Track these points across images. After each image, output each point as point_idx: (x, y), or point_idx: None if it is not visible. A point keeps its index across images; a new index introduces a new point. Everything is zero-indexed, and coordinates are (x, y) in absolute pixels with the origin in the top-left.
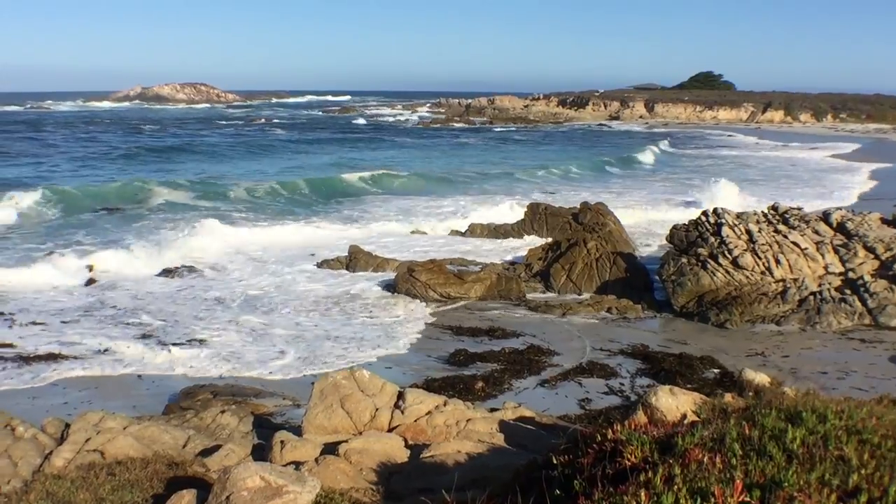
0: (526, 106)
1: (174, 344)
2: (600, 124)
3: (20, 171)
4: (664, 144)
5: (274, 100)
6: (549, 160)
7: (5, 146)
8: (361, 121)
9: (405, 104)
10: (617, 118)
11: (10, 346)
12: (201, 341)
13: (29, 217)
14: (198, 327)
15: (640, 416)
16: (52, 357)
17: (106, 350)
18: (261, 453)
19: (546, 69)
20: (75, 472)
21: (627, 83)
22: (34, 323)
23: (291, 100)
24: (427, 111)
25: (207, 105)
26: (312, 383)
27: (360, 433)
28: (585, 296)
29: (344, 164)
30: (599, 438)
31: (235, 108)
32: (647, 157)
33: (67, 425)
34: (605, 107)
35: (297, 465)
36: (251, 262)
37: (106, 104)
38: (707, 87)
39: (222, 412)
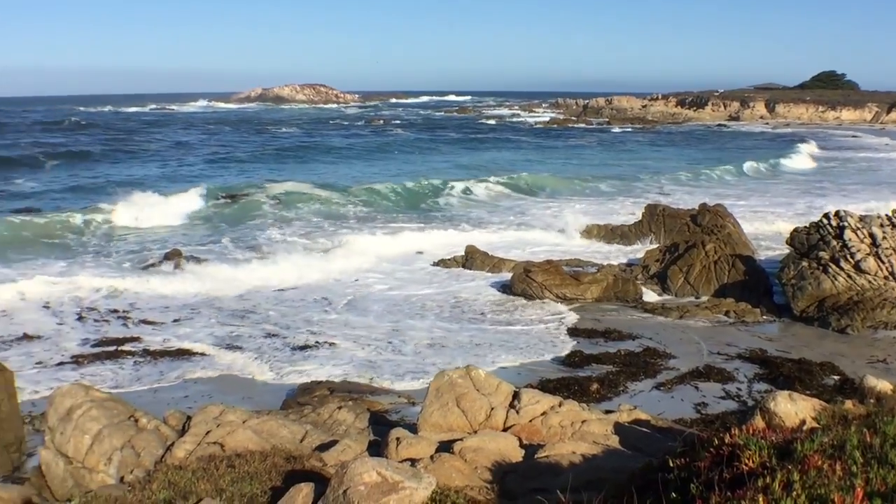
0: (644, 106)
1: (301, 347)
2: (719, 125)
3: (163, 170)
4: (809, 147)
5: (392, 100)
6: (670, 161)
7: (140, 145)
8: (482, 121)
9: (522, 105)
10: (737, 118)
11: (137, 339)
12: (330, 344)
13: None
14: (324, 330)
15: (758, 421)
16: (181, 353)
17: (231, 347)
18: (377, 449)
19: (664, 69)
20: (196, 463)
21: (747, 83)
22: (176, 320)
23: (409, 100)
24: (544, 111)
25: (326, 106)
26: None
27: (475, 432)
28: (703, 298)
29: (463, 166)
30: (717, 442)
31: (354, 108)
32: (796, 160)
33: (189, 418)
34: (725, 107)
35: (413, 461)
36: (382, 265)
37: (231, 105)
38: (830, 87)
39: (339, 408)
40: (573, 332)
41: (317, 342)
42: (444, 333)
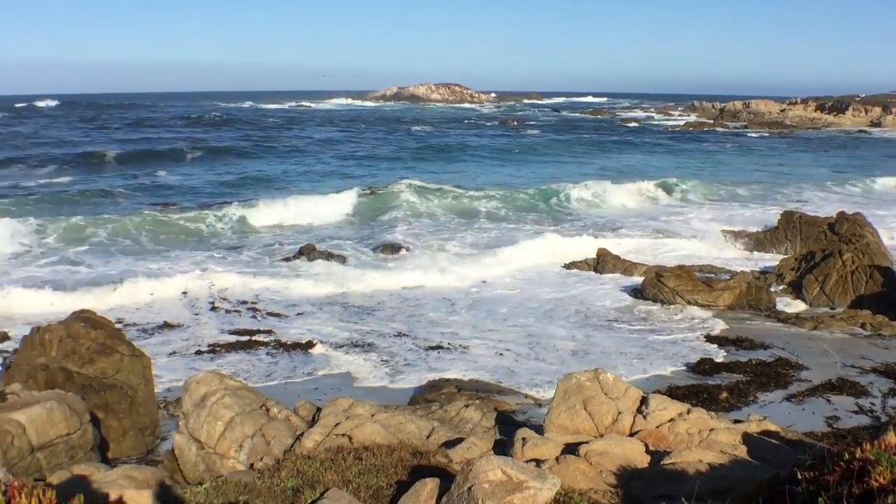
0: (782, 110)
1: (433, 348)
2: (860, 130)
3: (301, 167)
4: None
5: (525, 101)
6: (809, 167)
7: (280, 142)
8: (617, 124)
9: (657, 107)
10: (878, 124)
11: (269, 332)
12: (463, 348)
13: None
14: (455, 332)
15: (891, 437)
16: (310, 346)
17: (361, 344)
18: (502, 448)
19: (804, 73)
20: (324, 453)
21: (890, 87)
22: (301, 314)
23: (543, 101)
24: (680, 115)
25: (460, 105)
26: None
27: (601, 435)
28: (838, 310)
29: (598, 169)
30: (847, 457)
31: (489, 108)
32: None
33: (318, 409)
34: (866, 112)
35: (538, 462)
36: (512, 267)
37: (367, 103)
38: None
39: (466, 406)
40: (703, 339)
41: (449, 344)
42: (574, 338)
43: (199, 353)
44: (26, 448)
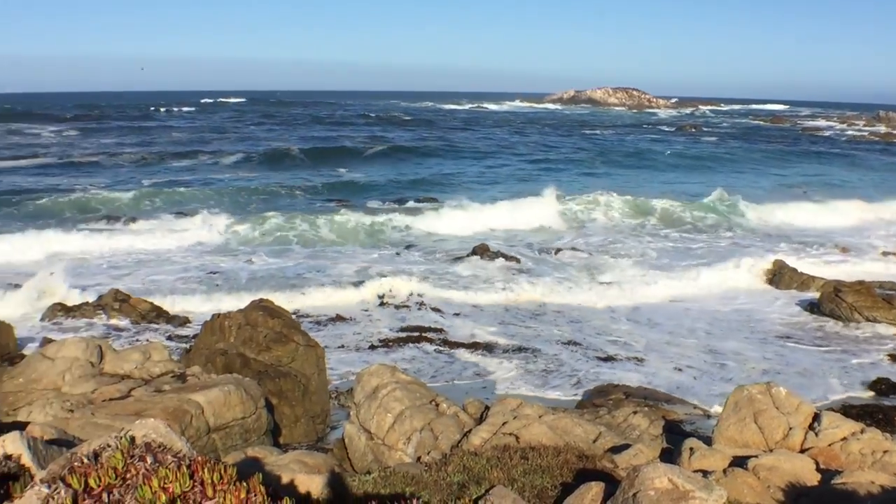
0: None
1: (605, 358)
2: None
3: (483, 168)
4: None
5: (702, 107)
6: None
7: (465, 143)
8: (798, 133)
9: (840, 116)
10: None
11: (439, 330)
12: (638, 360)
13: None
14: (629, 342)
15: None
16: (477, 346)
17: (527, 349)
18: (668, 458)
19: None
20: (490, 451)
21: None
22: (466, 316)
23: (723, 108)
24: (865, 125)
25: (638, 110)
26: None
27: (771, 450)
28: None
29: (780, 180)
30: None
31: (666, 113)
32: None
33: (487, 407)
34: None
35: (705, 473)
36: (693, 281)
37: (547, 105)
38: None
39: (634, 413)
40: (884, 357)
41: (622, 355)
42: (747, 353)
43: (371, 347)
44: (203, 428)
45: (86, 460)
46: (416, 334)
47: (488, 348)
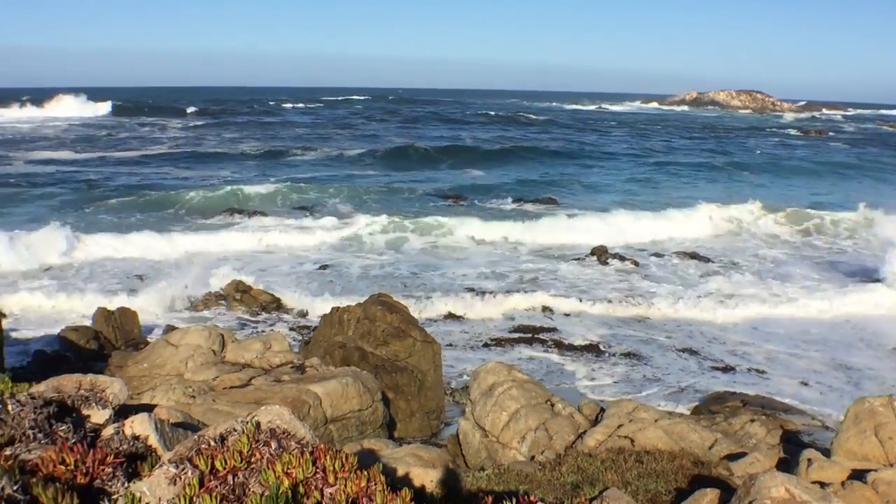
0: None
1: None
2: None
3: (628, 172)
4: None
5: (825, 111)
6: None
7: (597, 146)
8: None
9: None
10: None
11: (552, 330)
12: (760, 372)
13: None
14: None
15: None
16: (590, 349)
17: (638, 355)
18: (785, 468)
19: None
20: (605, 453)
21: None
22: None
23: (850, 112)
24: None
25: (762, 113)
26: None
27: (891, 464)
28: None
29: None
30: None
31: (791, 117)
32: None
33: (602, 410)
34: None
35: (822, 484)
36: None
37: (670, 107)
38: None
39: (751, 421)
40: None
41: (746, 367)
42: (872, 367)
43: (484, 345)
44: (321, 419)
45: (212, 443)
46: (528, 335)
47: (598, 351)
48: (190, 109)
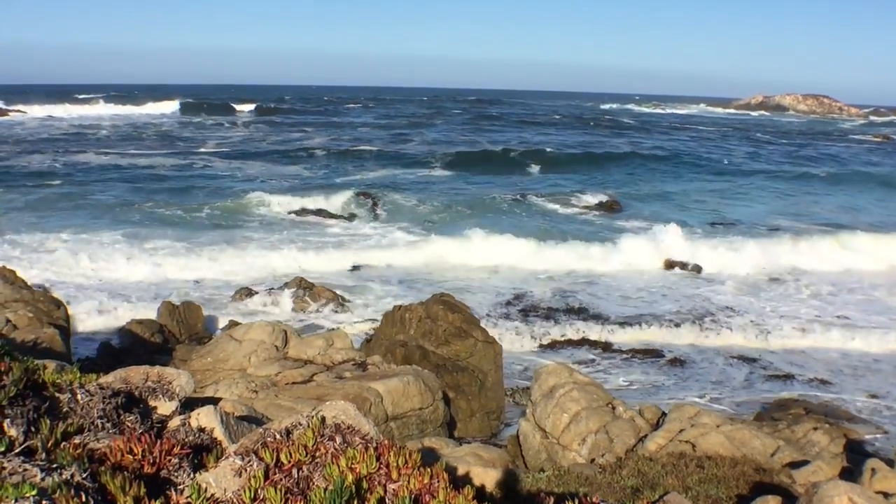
0: None
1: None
2: None
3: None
4: None
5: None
6: None
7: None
8: None
9: None
10: None
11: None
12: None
13: None
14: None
15: None
16: (651, 353)
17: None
18: (848, 477)
19: None
20: (666, 457)
21: None
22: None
23: None
24: None
25: (827, 118)
26: None
27: None
28: None
29: None
30: None
31: (859, 122)
32: None
33: (664, 413)
34: None
35: (886, 495)
36: None
37: (734, 111)
38: None
39: (814, 429)
40: None
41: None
42: None
43: (541, 346)
44: (381, 416)
45: (278, 436)
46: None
47: (658, 355)
48: (246, 108)
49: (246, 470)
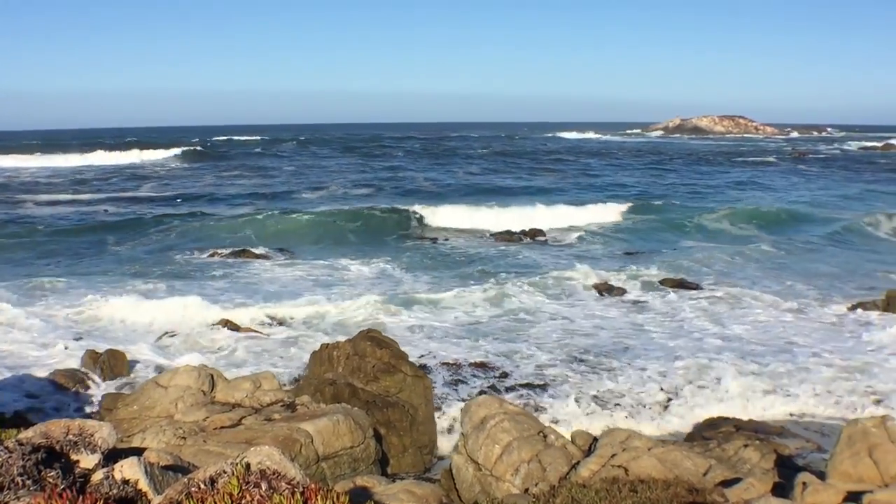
0: None
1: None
2: None
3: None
4: None
5: (814, 133)
6: None
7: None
8: None
9: None
10: None
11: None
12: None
13: None
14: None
15: None
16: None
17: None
18: (780, 492)
19: None
20: (599, 483)
21: None
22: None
23: (837, 134)
24: None
25: (744, 136)
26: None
27: (886, 485)
28: None
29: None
30: None
31: (774, 141)
32: None
33: (595, 439)
34: None
35: None
36: None
37: (653, 135)
38: None
39: (745, 446)
40: None
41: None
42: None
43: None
44: (312, 457)
45: (202, 486)
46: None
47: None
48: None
49: None
